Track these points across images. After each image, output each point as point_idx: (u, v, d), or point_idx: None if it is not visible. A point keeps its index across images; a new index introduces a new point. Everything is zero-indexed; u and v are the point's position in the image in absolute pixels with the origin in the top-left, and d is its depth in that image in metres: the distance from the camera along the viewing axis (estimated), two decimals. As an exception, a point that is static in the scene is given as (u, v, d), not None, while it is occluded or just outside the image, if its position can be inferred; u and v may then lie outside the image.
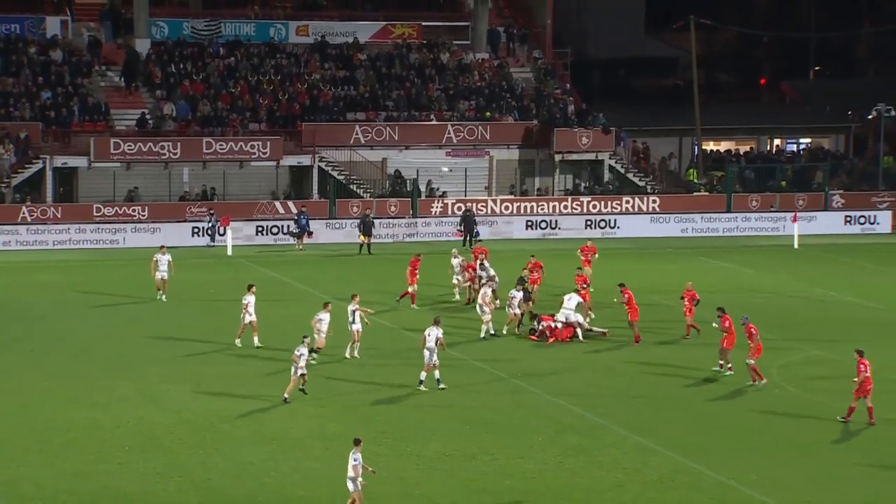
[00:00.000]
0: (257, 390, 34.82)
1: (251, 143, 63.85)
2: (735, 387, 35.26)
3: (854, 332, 41.97)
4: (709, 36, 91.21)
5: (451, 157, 67.01)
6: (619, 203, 65.24)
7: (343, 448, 30.04)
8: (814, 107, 79.82)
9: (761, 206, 65.96)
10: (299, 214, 58.85)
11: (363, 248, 57.29)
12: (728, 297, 48.18)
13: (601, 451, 30.14)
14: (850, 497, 27.38)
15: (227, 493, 27.30)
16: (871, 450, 30.40)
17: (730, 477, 28.40)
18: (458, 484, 28.04)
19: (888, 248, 61.28)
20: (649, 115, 76.01)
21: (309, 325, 42.83)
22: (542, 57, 73.38)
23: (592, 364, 37.81)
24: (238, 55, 68.61)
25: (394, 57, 70.63)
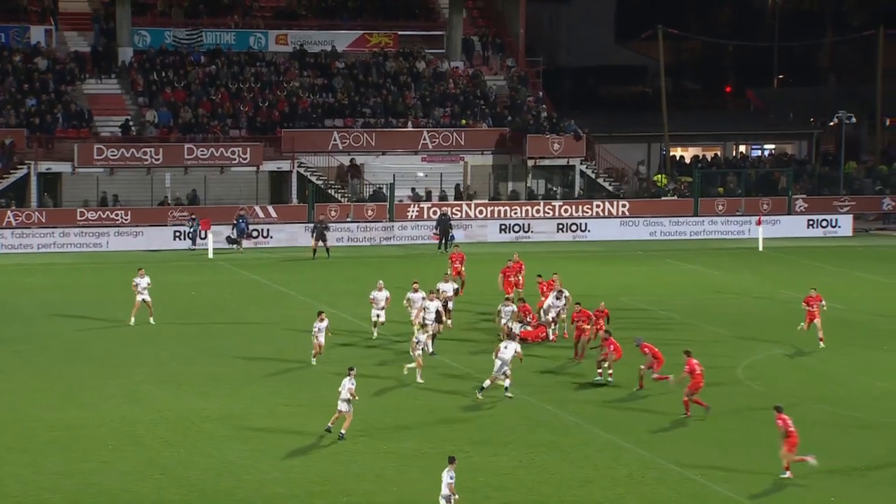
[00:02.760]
0: (238, 390, 34.69)
1: (231, 149, 63.74)
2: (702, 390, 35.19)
3: (815, 332, 42.11)
4: (676, 45, 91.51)
5: (427, 163, 67.03)
6: (590, 207, 65.33)
7: (321, 446, 30.02)
8: (777, 114, 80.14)
9: (727, 209, 66.16)
10: (238, 219, 58.58)
11: (316, 253, 56.71)
12: (695, 298, 48.40)
13: (572, 448, 30.13)
14: (813, 492, 27.45)
15: (206, 490, 27.17)
16: (835, 447, 30.48)
17: (697, 472, 28.43)
18: (434, 481, 27.91)
19: (849, 250, 61.57)
20: (619, 121, 76.18)
21: (290, 326, 42.83)
22: (515, 65, 73.48)
23: (565, 364, 37.72)
24: (219, 63, 68.49)
25: (371, 65, 70.62)
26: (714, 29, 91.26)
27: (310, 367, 37.36)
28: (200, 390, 34.65)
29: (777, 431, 27.87)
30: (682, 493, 27.34)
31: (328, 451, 29.73)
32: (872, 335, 42.31)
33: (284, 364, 37.69)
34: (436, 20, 74.11)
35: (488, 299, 43.94)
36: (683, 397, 32.04)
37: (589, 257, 58.08)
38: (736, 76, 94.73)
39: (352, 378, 30.20)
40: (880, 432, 31.76)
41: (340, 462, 29.03)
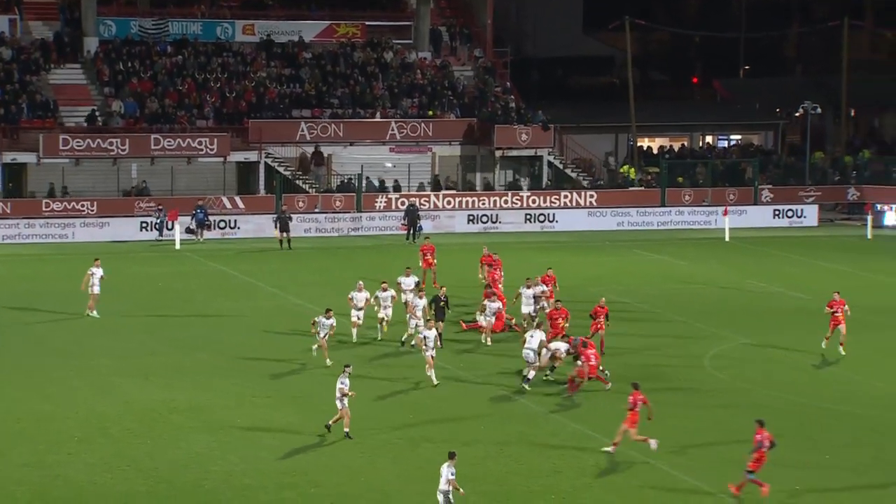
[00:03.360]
0: (206, 382, 34.59)
1: (199, 140, 63.47)
2: (669, 380, 35.41)
3: (780, 321, 42.41)
4: (643, 36, 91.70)
5: (395, 153, 66.95)
6: (558, 198, 65.45)
7: (290, 437, 29.99)
8: (744, 104, 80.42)
9: (694, 200, 66.41)
10: (197, 209, 58.37)
11: (283, 244, 56.69)
12: (662, 288, 48.59)
13: (541, 438, 30.22)
14: (777, 480, 27.61)
15: (174, 481, 27.10)
16: (799, 436, 30.70)
17: (664, 462, 28.57)
18: (402, 471, 28.03)
19: (814, 240, 61.94)
20: (586, 112, 76.26)
21: (258, 317, 42.73)
22: (483, 56, 73.47)
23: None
24: (185, 53, 68.16)
25: (338, 56, 70.45)
26: (681, 20, 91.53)
27: (276, 357, 37.24)
28: (167, 382, 34.53)
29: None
30: (649, 483, 27.48)
31: (296, 442, 29.70)
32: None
33: (252, 355, 37.59)
34: (403, 10, 73.99)
35: (460, 291, 43.90)
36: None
37: (557, 248, 58.20)
38: (703, 67, 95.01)
39: (346, 375, 29.55)
40: (842, 420, 32.01)
41: (308, 454, 29.02)
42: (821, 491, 27.22)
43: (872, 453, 29.63)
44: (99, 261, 42.42)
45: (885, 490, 27.37)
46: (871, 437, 30.83)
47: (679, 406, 32.88)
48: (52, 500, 25.90)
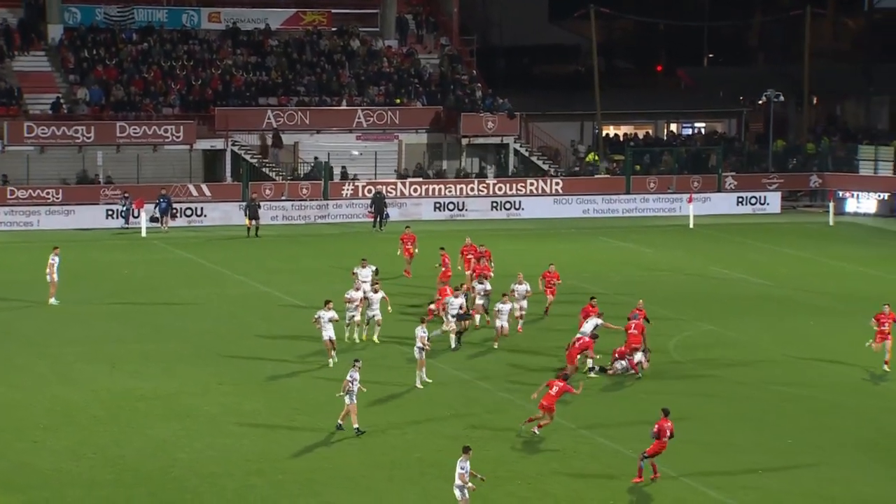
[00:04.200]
0: (172, 369, 34.43)
1: (164, 127, 63.10)
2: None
3: (744, 307, 42.60)
4: (608, 24, 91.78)
5: (362, 141, 66.78)
6: (524, 185, 65.48)
7: (257, 424, 29.89)
8: (707, 92, 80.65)
9: (659, 187, 66.59)
10: (160, 198, 58.06)
11: (250, 232, 56.50)
12: (627, 274, 48.70)
13: (504, 424, 30.22)
14: (740, 463, 27.80)
15: (140, 468, 26.96)
16: (760, 419, 30.88)
17: (628, 447, 28.64)
18: (369, 458, 27.98)
19: (777, 227, 62.22)
20: (552, 100, 76.29)
21: (224, 304, 42.55)
22: (449, 44, 73.35)
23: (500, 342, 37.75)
24: (151, 41, 67.70)
25: (305, 43, 70.16)
26: (645, 8, 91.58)
27: (243, 344, 37.12)
28: (134, 369, 34.34)
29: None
30: (612, 466, 27.56)
31: (262, 429, 29.61)
32: (797, 310, 42.81)
33: (218, 343, 37.44)
34: (370, -2, 73.80)
35: (429, 281, 43.83)
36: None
37: (523, 235, 58.24)
38: (667, 55, 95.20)
39: (356, 370, 28.83)
40: (802, 404, 32.18)
41: (276, 440, 28.93)
42: (780, 470, 27.36)
43: (832, 436, 29.82)
44: (58, 248, 42.10)
45: (846, 471, 27.55)
46: (832, 419, 31.02)
47: (644, 391, 32.96)
48: (17, 488, 25.70)
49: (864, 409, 31.96)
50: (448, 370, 34.33)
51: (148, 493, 25.73)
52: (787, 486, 26.69)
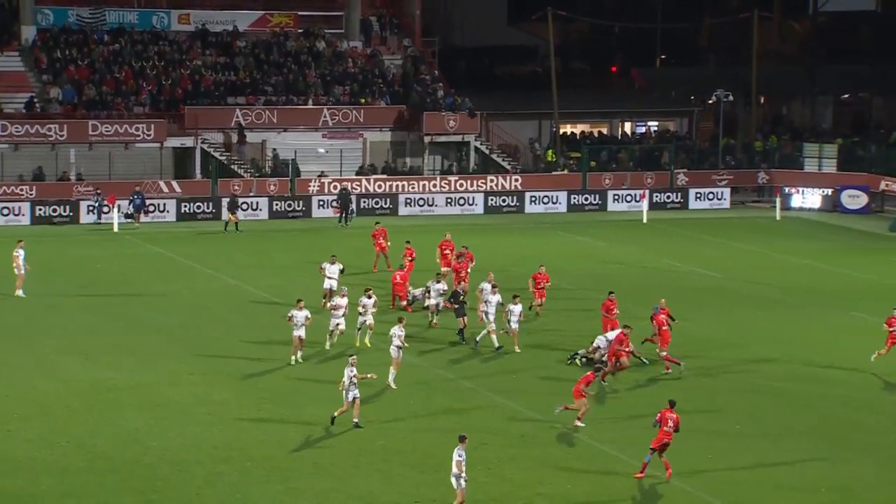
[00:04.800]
0: (144, 360, 34.24)
1: (136, 126, 62.75)
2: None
3: (696, 299, 42.80)
4: (565, 27, 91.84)
5: (328, 139, 66.65)
6: (484, 182, 65.51)
7: (226, 413, 29.79)
8: (660, 93, 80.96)
9: (613, 184, 66.78)
10: (134, 195, 57.75)
11: (229, 226, 56.35)
12: (584, 268, 48.84)
13: (469, 412, 30.27)
14: (688, 447, 27.94)
15: (113, 456, 26.81)
16: (709, 406, 31.08)
17: (586, 435, 28.75)
18: (335, 445, 27.94)
19: (727, 222, 62.53)
20: (511, 99, 76.36)
21: (194, 298, 42.36)
22: (412, 45, 73.30)
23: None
24: (122, 42, 67.31)
25: (272, 44, 69.92)
26: (601, 11, 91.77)
27: (213, 337, 36.97)
28: (107, 360, 34.13)
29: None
30: (572, 453, 27.65)
31: (232, 418, 29.52)
32: (746, 301, 43.08)
33: (189, 335, 37.29)
34: (335, 1, 73.56)
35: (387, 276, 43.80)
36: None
37: (483, 230, 58.27)
38: (622, 57, 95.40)
39: (352, 367, 28.39)
40: (751, 391, 32.39)
41: (244, 429, 28.84)
42: (727, 452, 27.55)
43: (781, 422, 30.04)
44: (22, 241, 41.84)
45: (792, 454, 27.78)
46: (779, 407, 31.24)
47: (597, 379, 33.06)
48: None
49: (807, 396, 32.22)
50: (412, 360, 34.26)
51: (120, 480, 25.60)
52: (734, 469, 26.87)
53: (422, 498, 24.98)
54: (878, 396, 32.56)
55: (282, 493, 25.13)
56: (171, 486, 25.35)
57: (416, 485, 25.68)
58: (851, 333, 39.04)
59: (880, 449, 28.46)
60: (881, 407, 31.64)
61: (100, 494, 24.84)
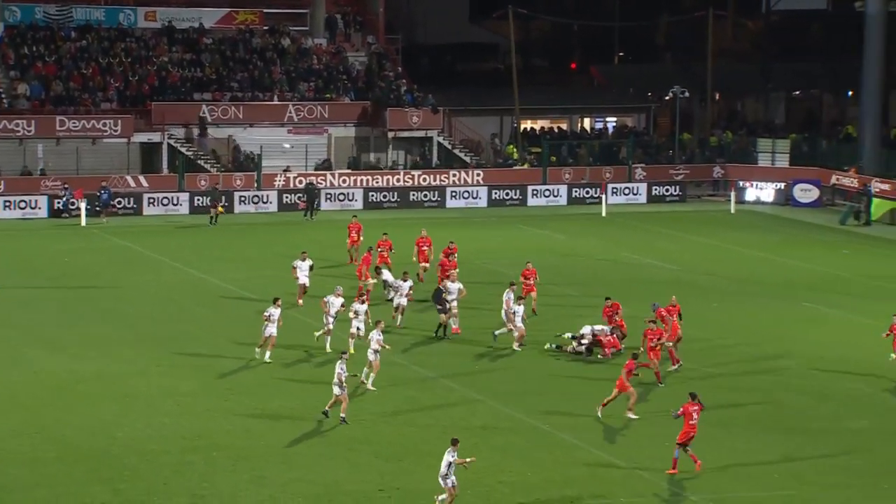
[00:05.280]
0: (112, 352, 34.08)
1: (103, 121, 62.36)
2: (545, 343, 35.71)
3: (654, 290, 42.97)
4: (526, 24, 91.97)
5: (293, 135, 66.46)
6: (447, 176, 65.55)
7: (193, 404, 29.71)
8: (618, 89, 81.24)
9: (573, 178, 66.98)
10: (101, 190, 57.46)
11: (213, 219, 56.33)
12: (544, 260, 48.94)
13: (431, 401, 30.33)
14: (644, 435, 28.19)
15: (81, 447, 26.70)
16: (670, 398, 31.28)
17: (545, 423, 28.90)
18: (301, 434, 27.93)
19: (683, 215, 62.84)
20: (473, 96, 76.39)
21: (162, 291, 42.17)
22: (376, 42, 73.19)
23: (420, 324, 37.78)
24: (89, 38, 66.83)
25: (238, 41, 69.64)
26: (560, 9, 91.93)
27: (180, 329, 36.83)
28: (75, 352, 33.96)
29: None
30: (532, 442, 27.78)
31: (199, 409, 29.45)
32: (702, 293, 43.34)
33: (157, 327, 37.15)
34: (300, -2, 73.39)
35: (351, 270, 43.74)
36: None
37: (446, 223, 58.31)
38: (581, 54, 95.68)
39: (343, 362, 28.16)
40: (710, 382, 32.61)
41: (211, 419, 28.79)
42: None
43: (732, 410, 30.30)
44: None
45: (745, 443, 28.02)
46: (730, 394, 31.47)
47: (558, 370, 33.24)
48: (-37, 468, 25.32)
49: (758, 384, 32.49)
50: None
51: (88, 470, 25.50)
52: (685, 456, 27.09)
53: (386, 486, 25.03)
54: (829, 384, 32.86)
55: (248, 482, 25.11)
56: (138, 475, 25.27)
57: (380, 474, 25.73)
58: (802, 323, 39.44)
59: (831, 435, 28.78)
60: (832, 394, 31.95)
61: (69, 484, 24.74)
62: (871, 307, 41.21)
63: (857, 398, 31.54)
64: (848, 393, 31.99)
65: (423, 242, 43.18)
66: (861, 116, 68.38)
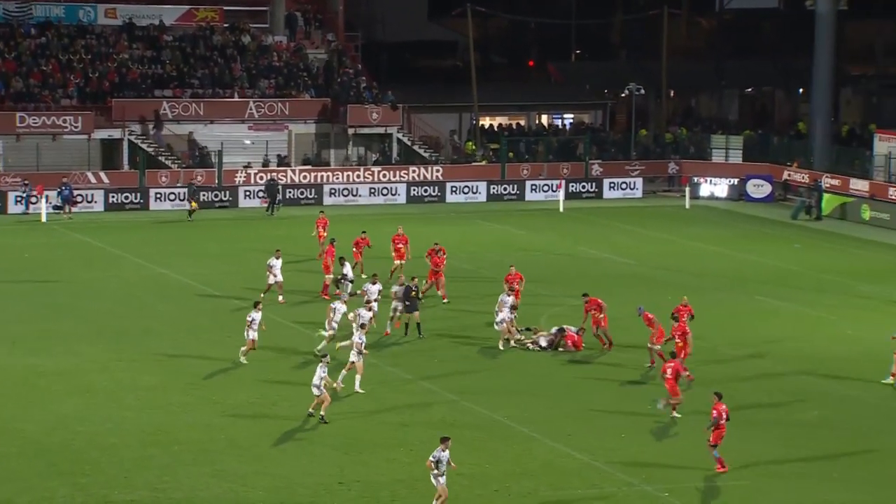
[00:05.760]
0: (72, 347, 33.79)
1: (63, 118, 61.79)
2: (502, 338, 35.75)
3: (610, 285, 43.17)
4: (484, 22, 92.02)
5: (253, 131, 66.15)
6: (406, 172, 65.47)
7: (154, 398, 29.51)
8: (575, 86, 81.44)
9: (531, 174, 67.08)
10: (63, 186, 56.99)
11: (192, 214, 56.13)
12: (503, 254, 49.03)
13: (391, 395, 30.29)
14: (601, 426, 28.28)
15: (42, 442, 26.46)
16: (622, 393, 31.44)
17: (503, 415, 28.94)
18: (261, 428, 27.85)
19: (639, 210, 63.11)
20: (432, 93, 76.31)
21: (122, 286, 41.84)
22: (336, 40, 72.97)
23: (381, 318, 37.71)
24: (49, 35, 66.18)
25: (198, 38, 69.20)
26: (518, 7, 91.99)
27: (141, 323, 36.57)
28: (35, 347, 33.64)
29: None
30: (491, 435, 27.80)
31: (159, 403, 29.27)
32: (657, 287, 43.54)
33: (117, 321, 36.88)
34: (260, -4, 73.00)
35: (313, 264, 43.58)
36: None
37: (406, 219, 58.20)
38: (538, 51, 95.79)
39: (324, 366, 27.64)
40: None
41: (172, 413, 28.62)
42: (642, 434, 27.88)
43: (688, 403, 30.44)
44: None
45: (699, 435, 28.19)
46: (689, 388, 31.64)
47: (515, 363, 33.30)
48: (-78, 464, 25.02)
49: (713, 376, 32.67)
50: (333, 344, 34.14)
51: (49, 464, 25.28)
52: (647, 447, 27.23)
53: (345, 479, 24.98)
54: (780, 376, 33.10)
55: (208, 475, 24.98)
56: (99, 469, 25.08)
57: (339, 466, 25.67)
58: (755, 316, 39.72)
59: (783, 426, 29.02)
60: (783, 385, 32.20)
61: (29, 479, 24.50)
62: (822, 300, 41.61)
63: (806, 390, 31.80)
64: (798, 384, 32.24)
65: (399, 240, 42.44)
66: (812, 113, 68.95)
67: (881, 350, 33.33)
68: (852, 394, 31.44)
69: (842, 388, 32.01)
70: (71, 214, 56.38)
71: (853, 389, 31.70)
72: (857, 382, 32.28)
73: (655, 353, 32.51)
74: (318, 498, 24.00)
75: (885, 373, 32.15)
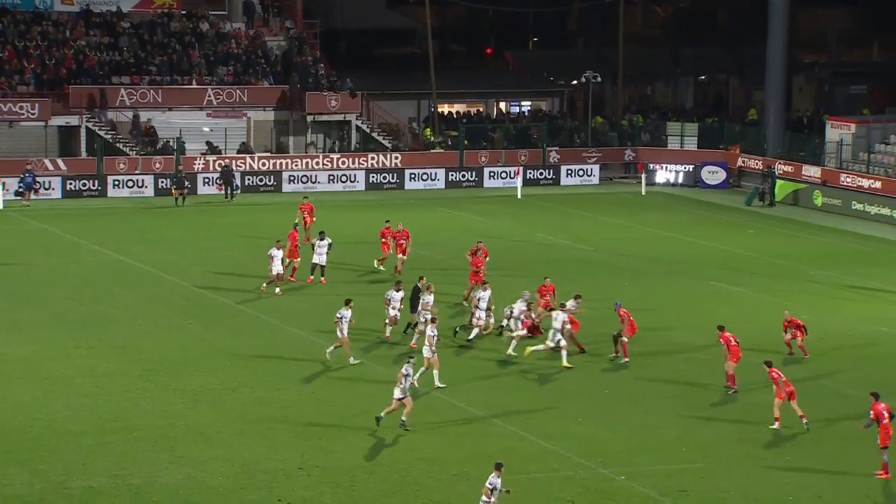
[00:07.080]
0: (31, 333, 33.46)
1: (20, 105, 61.11)
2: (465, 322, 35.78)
3: (567, 270, 43.30)
4: (442, 10, 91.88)
5: (212, 118, 65.71)
6: (366, 160, 65.29)
7: (112, 385, 29.29)
8: (533, 74, 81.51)
9: (489, 161, 67.10)
10: (25, 173, 56.44)
11: (178, 201, 55.92)
12: (461, 241, 49.01)
13: (353, 382, 30.22)
14: (558, 414, 28.34)
15: (0, 429, 26.15)
16: (582, 371, 31.53)
17: (459, 400, 28.94)
18: (220, 414, 27.72)
19: (596, 197, 63.27)
20: (391, 80, 76.15)
21: (80, 272, 41.47)
22: (294, 27, 72.56)
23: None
24: (4, 22, 65.35)
25: (156, 25, 68.58)
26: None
27: (98, 310, 36.25)
28: (-8, 336, 33.24)
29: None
30: (449, 419, 27.79)
31: (118, 389, 29.07)
32: (614, 272, 43.73)
33: (75, 308, 36.56)
34: (218, -17, 72.40)
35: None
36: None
37: (364, 206, 58.12)
38: (496, 39, 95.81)
39: (409, 366, 26.80)
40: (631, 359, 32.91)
41: (130, 399, 28.43)
42: (600, 417, 27.99)
43: (644, 386, 30.60)
44: None
45: (657, 417, 28.33)
46: (645, 372, 31.79)
47: (484, 353, 33.32)
48: None
49: (668, 361, 32.87)
50: (296, 332, 34.01)
51: (6, 451, 25.04)
52: (603, 432, 27.35)
53: (305, 464, 24.92)
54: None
55: (167, 461, 24.84)
56: (58, 456, 24.88)
57: (299, 452, 25.60)
58: (710, 300, 39.97)
59: (731, 408, 29.24)
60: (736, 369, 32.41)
61: (-14, 466, 24.26)
62: (774, 285, 41.94)
63: (758, 373, 32.03)
64: (750, 368, 32.47)
65: (387, 233, 41.90)
66: (765, 100, 69.41)
67: (834, 333, 33.56)
68: (801, 375, 31.71)
69: (789, 372, 32.25)
70: (29, 202, 55.80)
71: (802, 372, 31.94)
72: (807, 364, 32.58)
73: (621, 344, 32.47)
74: (278, 483, 23.94)
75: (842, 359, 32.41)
